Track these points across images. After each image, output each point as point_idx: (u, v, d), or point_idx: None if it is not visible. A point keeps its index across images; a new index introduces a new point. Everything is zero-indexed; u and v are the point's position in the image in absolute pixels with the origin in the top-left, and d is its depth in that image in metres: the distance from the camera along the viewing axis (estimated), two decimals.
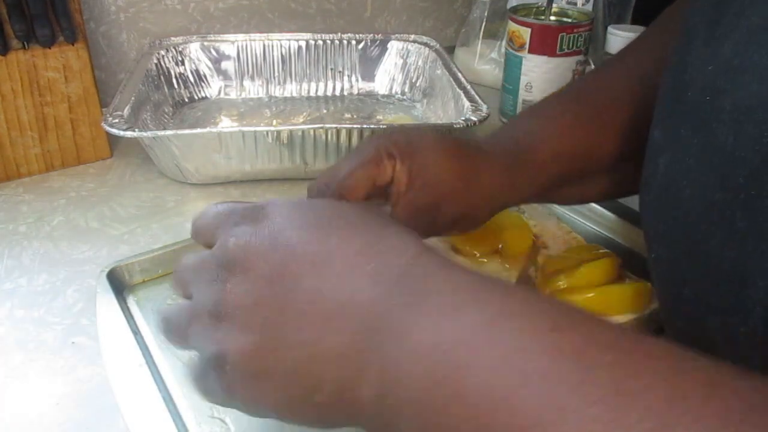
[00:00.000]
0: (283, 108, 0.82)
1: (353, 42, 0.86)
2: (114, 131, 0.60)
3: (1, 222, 0.59)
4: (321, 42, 0.85)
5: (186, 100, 0.81)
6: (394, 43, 0.87)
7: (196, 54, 0.82)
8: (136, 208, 0.62)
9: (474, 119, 0.65)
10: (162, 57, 0.79)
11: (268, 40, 0.84)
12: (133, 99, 0.66)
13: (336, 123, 0.63)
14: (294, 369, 0.24)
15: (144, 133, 0.61)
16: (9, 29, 0.63)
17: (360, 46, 0.86)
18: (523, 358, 0.20)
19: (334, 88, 0.87)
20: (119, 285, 0.48)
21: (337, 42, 0.85)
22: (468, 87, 0.72)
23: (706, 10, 0.31)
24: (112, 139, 0.70)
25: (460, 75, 0.75)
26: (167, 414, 0.36)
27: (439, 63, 0.80)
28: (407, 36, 0.87)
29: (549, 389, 0.19)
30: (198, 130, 0.62)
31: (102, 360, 0.41)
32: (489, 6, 0.93)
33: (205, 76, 0.83)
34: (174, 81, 0.80)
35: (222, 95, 0.83)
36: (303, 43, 0.84)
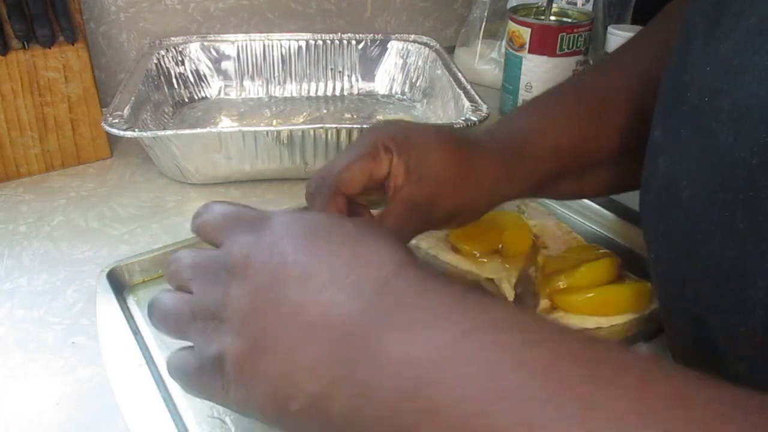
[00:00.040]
0: (283, 108, 0.82)
1: (353, 42, 0.86)
2: (114, 131, 0.60)
3: (1, 222, 0.59)
4: (321, 42, 0.85)
5: (186, 100, 0.81)
6: (394, 43, 0.87)
7: (196, 54, 0.82)
8: (136, 208, 0.62)
9: (474, 119, 0.65)
10: (162, 57, 0.79)
11: (268, 40, 0.84)
12: (133, 99, 0.66)
13: (336, 123, 0.63)
14: (276, 376, 0.25)
15: (144, 133, 0.61)
16: (9, 29, 0.63)
17: (360, 46, 0.86)
18: (493, 373, 0.20)
19: (334, 88, 0.87)
20: (119, 285, 0.48)
21: (337, 42, 0.85)
22: (468, 87, 0.72)
23: (706, 10, 0.31)
24: (112, 139, 0.70)
25: (460, 75, 0.75)
26: (167, 414, 0.36)
27: (439, 63, 0.80)
28: (407, 36, 0.87)
29: (518, 405, 0.19)
30: (198, 130, 0.62)
31: (102, 360, 0.41)
32: (489, 6, 0.93)
33: (205, 76, 0.83)
34: (174, 81, 0.80)
35: (222, 95, 0.83)
36: (303, 43, 0.84)
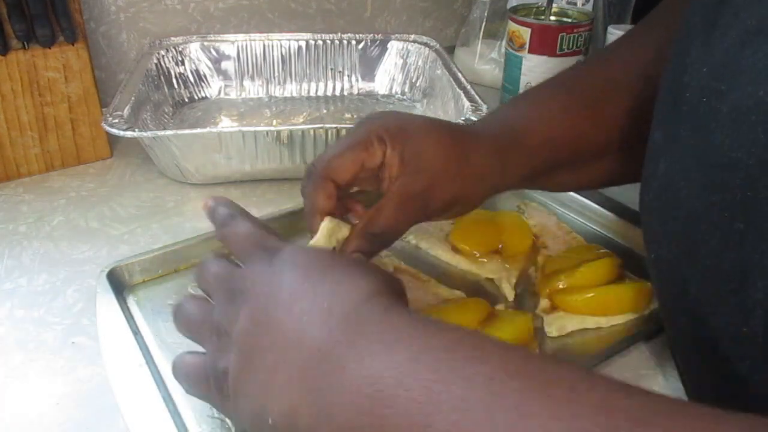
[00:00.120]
0: (283, 108, 0.82)
1: (353, 42, 0.86)
2: (114, 131, 0.60)
3: (1, 222, 0.59)
4: (321, 42, 0.85)
5: (186, 100, 0.81)
6: (394, 43, 0.87)
7: (196, 54, 0.82)
8: (136, 208, 0.62)
9: (474, 119, 0.65)
10: (162, 57, 0.79)
11: (268, 40, 0.84)
12: (133, 99, 0.66)
13: (336, 123, 0.63)
14: (257, 393, 0.27)
15: (144, 133, 0.61)
16: (9, 29, 0.63)
17: (360, 46, 0.86)
18: (440, 388, 0.22)
19: (334, 88, 0.87)
20: (119, 285, 0.48)
21: (337, 42, 0.85)
22: (468, 87, 0.72)
23: (705, 11, 0.31)
24: (112, 139, 0.70)
25: (460, 75, 0.75)
26: (167, 414, 0.37)
27: (439, 63, 0.80)
28: (407, 36, 0.87)
29: (461, 416, 0.21)
30: (198, 130, 0.62)
31: (102, 360, 0.41)
32: (489, 6, 0.93)
33: (205, 76, 0.83)
34: (174, 81, 0.80)
35: (222, 95, 0.83)
36: (303, 43, 0.84)
